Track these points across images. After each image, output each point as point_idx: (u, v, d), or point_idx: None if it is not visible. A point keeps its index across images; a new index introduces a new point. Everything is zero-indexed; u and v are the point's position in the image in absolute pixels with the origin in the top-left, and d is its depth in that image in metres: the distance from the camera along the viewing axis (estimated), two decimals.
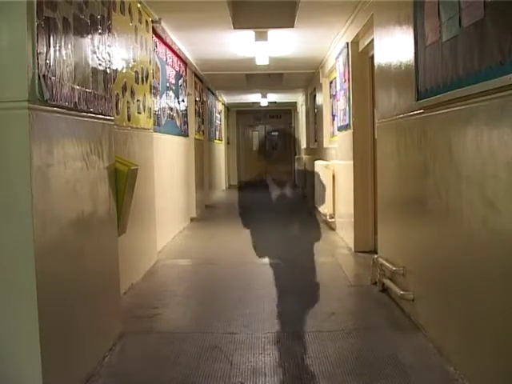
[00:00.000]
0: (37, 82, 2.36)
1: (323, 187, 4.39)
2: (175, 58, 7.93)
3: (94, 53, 3.15)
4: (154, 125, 6.04)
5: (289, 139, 5.20)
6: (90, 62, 3.08)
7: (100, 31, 3.27)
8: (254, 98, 15.93)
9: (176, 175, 7.90)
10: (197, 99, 10.22)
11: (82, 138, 2.98)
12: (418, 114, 3.48)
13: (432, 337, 3.32)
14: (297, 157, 14.58)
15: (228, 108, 18.24)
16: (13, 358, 2.37)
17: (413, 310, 3.72)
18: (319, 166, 8.60)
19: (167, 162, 7.10)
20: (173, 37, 7.12)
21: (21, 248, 2.34)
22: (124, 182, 3.58)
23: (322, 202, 4.54)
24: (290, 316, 3.86)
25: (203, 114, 11.16)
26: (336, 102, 7.59)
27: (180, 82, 8.31)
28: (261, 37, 7.15)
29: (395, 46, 4.11)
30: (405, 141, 3.92)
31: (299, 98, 15.82)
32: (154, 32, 6.17)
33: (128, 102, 4.75)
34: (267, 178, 4.72)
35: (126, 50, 4.75)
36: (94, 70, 3.14)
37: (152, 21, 5.85)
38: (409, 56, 3.60)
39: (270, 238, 3.93)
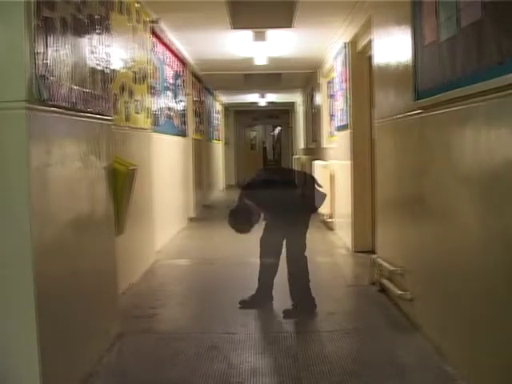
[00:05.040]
0: (35, 82, 2.36)
1: (322, 196, 4.30)
2: (174, 58, 7.92)
3: (93, 53, 3.15)
4: (153, 125, 6.03)
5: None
6: (89, 62, 3.08)
7: (98, 31, 3.26)
8: (252, 98, 15.92)
9: (174, 175, 7.90)
10: (195, 99, 10.21)
11: (81, 138, 2.98)
12: (416, 114, 3.48)
13: (430, 337, 3.32)
14: (295, 157, 14.59)
15: (226, 108, 18.24)
16: (11, 359, 2.37)
17: (411, 310, 3.72)
18: (318, 166, 8.60)
19: (166, 162, 7.10)
20: (171, 37, 7.11)
21: (19, 248, 2.34)
22: (122, 182, 3.57)
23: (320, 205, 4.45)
24: (287, 309, 3.87)
25: (202, 114, 11.15)
26: (334, 102, 7.59)
27: (178, 81, 8.31)
28: (259, 37, 7.15)
29: (394, 46, 4.11)
30: (403, 141, 3.92)
31: (297, 98, 15.82)
32: (153, 32, 6.16)
33: (126, 101, 4.74)
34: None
35: (125, 49, 4.74)
36: (93, 70, 3.13)
37: (150, 21, 5.85)
38: (407, 56, 3.61)
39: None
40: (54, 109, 2.57)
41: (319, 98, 9.90)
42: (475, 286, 2.66)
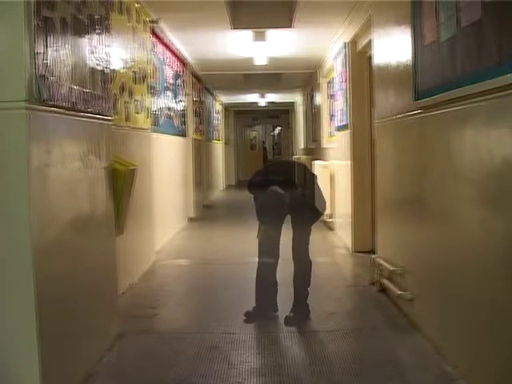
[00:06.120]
0: (35, 82, 2.36)
1: (324, 201, 4.06)
2: (174, 58, 7.92)
3: (92, 53, 3.15)
4: (152, 125, 6.03)
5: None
6: (88, 62, 3.08)
7: (98, 31, 3.26)
8: (252, 98, 15.93)
9: (174, 175, 7.90)
10: (195, 99, 10.21)
11: (80, 138, 2.98)
12: (416, 114, 3.48)
13: (430, 337, 3.32)
14: (295, 157, 14.58)
15: (226, 108, 18.25)
16: (11, 359, 2.37)
17: (411, 310, 3.72)
18: (318, 166, 8.60)
19: (165, 162, 7.10)
20: (171, 37, 7.11)
21: (19, 248, 2.33)
22: (122, 182, 3.57)
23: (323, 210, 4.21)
24: (288, 315, 3.85)
25: (201, 114, 11.15)
26: (334, 102, 7.59)
27: (178, 81, 8.31)
28: (259, 37, 7.15)
29: (393, 46, 4.11)
30: (403, 141, 3.92)
31: (297, 98, 15.83)
32: (153, 32, 6.16)
33: (126, 101, 4.74)
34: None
35: (125, 50, 4.74)
36: (92, 70, 3.13)
37: (150, 21, 5.85)
38: (407, 56, 3.61)
39: None
40: (54, 109, 2.57)
41: (319, 98, 9.90)
42: (475, 285, 2.66)
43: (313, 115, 11.39)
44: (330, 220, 7.85)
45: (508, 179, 2.28)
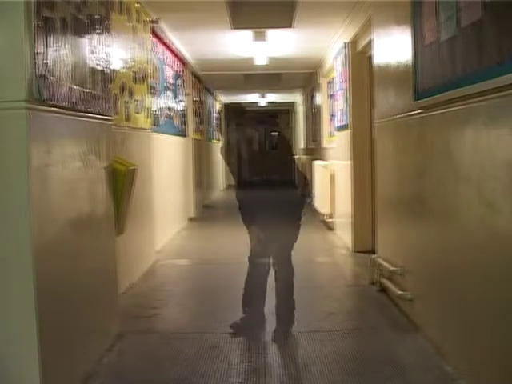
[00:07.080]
0: (35, 81, 2.36)
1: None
2: (174, 58, 7.92)
3: (93, 53, 3.15)
4: (153, 125, 6.03)
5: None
6: (89, 62, 3.08)
7: (98, 31, 3.26)
8: (252, 98, 15.92)
9: (174, 175, 7.90)
10: (195, 99, 10.21)
11: (81, 138, 2.98)
12: (416, 114, 3.48)
13: (430, 337, 3.32)
14: (296, 157, 14.60)
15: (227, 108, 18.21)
16: (11, 358, 2.37)
17: (411, 310, 3.72)
18: (318, 166, 8.60)
19: (165, 161, 7.10)
20: (171, 37, 7.11)
21: (19, 248, 2.34)
22: (122, 182, 3.57)
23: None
24: (288, 315, 3.85)
25: (201, 114, 11.15)
26: (334, 102, 7.59)
27: (178, 81, 8.31)
28: (259, 37, 7.15)
29: (394, 46, 4.11)
30: (403, 141, 3.92)
31: (297, 98, 15.83)
32: (153, 32, 6.16)
33: (126, 101, 4.74)
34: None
35: (125, 49, 4.74)
36: (93, 70, 3.13)
37: (150, 21, 5.85)
38: (407, 56, 3.61)
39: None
40: (54, 109, 2.57)
41: (319, 98, 9.90)
42: (475, 285, 2.66)
43: (313, 115, 11.39)
44: (330, 220, 7.85)
45: (508, 179, 2.28)
